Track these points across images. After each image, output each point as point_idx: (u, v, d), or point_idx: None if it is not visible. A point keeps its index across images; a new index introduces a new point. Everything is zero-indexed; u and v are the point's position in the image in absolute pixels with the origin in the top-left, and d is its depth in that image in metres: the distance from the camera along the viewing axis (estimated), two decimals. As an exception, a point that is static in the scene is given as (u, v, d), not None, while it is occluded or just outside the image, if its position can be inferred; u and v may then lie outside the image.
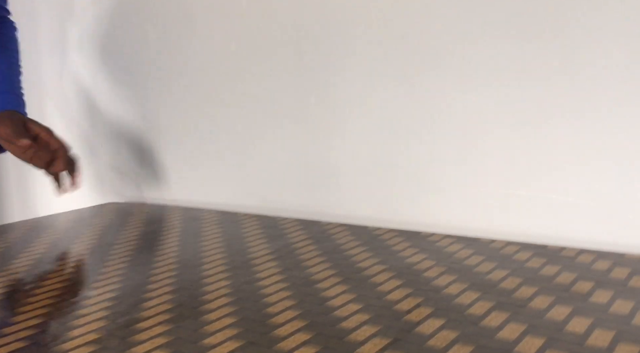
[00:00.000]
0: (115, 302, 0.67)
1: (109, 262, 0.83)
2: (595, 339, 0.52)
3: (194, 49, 1.17)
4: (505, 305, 0.61)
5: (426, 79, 0.89)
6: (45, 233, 1.02)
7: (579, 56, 0.77)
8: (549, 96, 0.80)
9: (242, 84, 1.11)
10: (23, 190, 1.62)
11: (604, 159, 0.77)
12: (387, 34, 0.92)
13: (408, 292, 0.65)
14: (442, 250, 0.80)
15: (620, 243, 0.77)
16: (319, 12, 0.98)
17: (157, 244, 0.91)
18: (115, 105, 1.35)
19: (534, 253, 0.76)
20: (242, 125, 1.12)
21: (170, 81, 1.22)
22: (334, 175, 1.01)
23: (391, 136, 0.94)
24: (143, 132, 1.30)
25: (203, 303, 0.65)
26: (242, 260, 0.80)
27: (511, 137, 0.84)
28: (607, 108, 0.76)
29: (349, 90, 0.97)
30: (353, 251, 0.81)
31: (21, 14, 1.21)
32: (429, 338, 0.54)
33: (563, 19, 0.78)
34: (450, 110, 0.88)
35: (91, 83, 1.39)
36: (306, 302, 0.64)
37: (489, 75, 0.84)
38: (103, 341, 0.57)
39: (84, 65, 1.40)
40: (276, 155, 1.08)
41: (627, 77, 0.75)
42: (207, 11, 1.13)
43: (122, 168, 1.36)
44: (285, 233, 0.93)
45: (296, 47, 1.02)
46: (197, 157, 1.21)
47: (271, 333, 0.57)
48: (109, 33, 1.32)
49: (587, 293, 0.63)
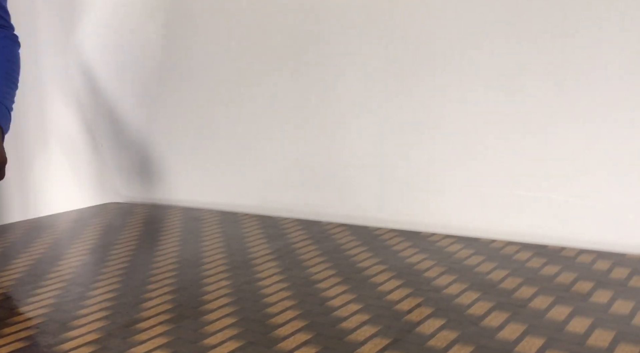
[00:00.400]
0: (115, 302, 0.67)
1: (109, 262, 0.83)
2: (595, 339, 0.52)
3: (194, 49, 1.17)
4: (505, 305, 0.61)
5: (426, 79, 0.89)
6: (45, 233, 1.02)
7: (579, 57, 0.77)
8: (549, 97, 0.80)
9: (243, 84, 1.11)
10: (23, 190, 1.62)
11: (604, 159, 0.77)
12: (388, 34, 0.92)
13: (408, 292, 0.65)
14: (442, 250, 0.80)
15: (620, 243, 0.77)
16: (319, 12, 0.98)
17: (157, 244, 0.91)
18: (116, 106, 1.35)
19: (534, 254, 0.76)
20: (243, 125, 1.12)
21: (170, 81, 1.22)
22: (334, 175, 1.01)
23: (391, 136, 0.94)
24: (143, 132, 1.30)
25: (203, 303, 0.65)
26: (242, 260, 0.80)
27: (511, 137, 0.83)
28: (607, 109, 0.76)
29: (349, 90, 0.97)
30: (353, 251, 0.81)
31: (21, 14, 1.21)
32: (429, 338, 0.54)
33: (562, 21, 0.77)
34: (451, 111, 0.88)
35: (91, 83, 1.39)
36: (306, 302, 0.64)
37: (489, 76, 0.84)
38: (103, 341, 0.57)
39: (84, 66, 1.40)
40: (276, 155, 1.08)
41: (627, 78, 0.74)
42: (207, 11, 1.13)
43: (122, 168, 1.36)
44: (285, 233, 0.93)
45: (296, 47, 1.02)
46: (197, 157, 1.21)
47: (271, 334, 0.57)
48: (109, 33, 1.32)
49: (587, 293, 0.63)
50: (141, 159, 1.32)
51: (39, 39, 1.16)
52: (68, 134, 1.33)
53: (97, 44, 1.35)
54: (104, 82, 1.36)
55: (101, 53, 1.35)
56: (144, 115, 1.29)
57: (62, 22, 1.42)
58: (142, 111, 1.29)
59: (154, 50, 1.24)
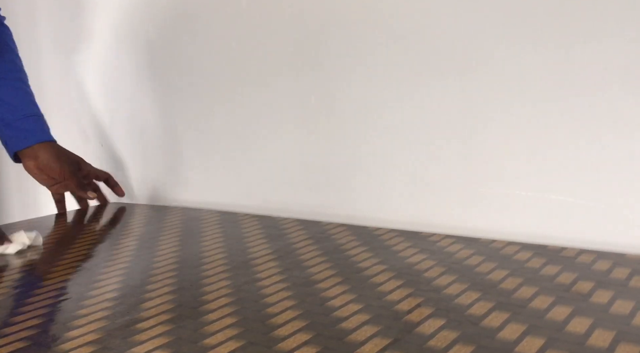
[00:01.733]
0: (115, 302, 0.67)
1: (109, 262, 0.83)
2: (595, 339, 0.52)
3: (193, 49, 1.17)
4: (505, 305, 0.61)
5: (426, 78, 0.89)
6: (45, 233, 1.02)
7: (579, 56, 0.77)
8: (548, 96, 0.80)
9: (242, 84, 1.11)
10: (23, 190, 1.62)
11: (604, 159, 0.77)
12: (388, 34, 0.92)
13: (408, 292, 0.65)
14: (442, 250, 0.80)
15: (620, 243, 0.77)
16: (319, 12, 0.98)
17: (157, 244, 0.91)
18: (114, 106, 1.35)
19: (534, 254, 0.76)
20: (242, 125, 1.12)
21: (169, 82, 1.22)
22: (334, 175, 1.01)
23: (391, 136, 0.94)
24: (142, 132, 1.30)
25: (203, 303, 0.65)
26: (242, 260, 0.80)
27: (511, 137, 0.84)
28: (607, 108, 0.76)
29: (349, 90, 0.97)
30: (353, 251, 0.81)
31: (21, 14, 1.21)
32: (430, 338, 0.54)
33: (562, 20, 0.77)
34: (451, 110, 0.88)
35: (91, 83, 1.39)
36: (306, 302, 0.64)
37: (489, 77, 0.84)
38: (103, 341, 0.57)
39: (83, 66, 1.40)
40: (276, 155, 1.08)
41: (627, 77, 0.75)
42: (207, 11, 1.13)
43: (121, 168, 1.36)
44: (285, 233, 0.93)
45: (296, 47, 1.02)
46: (196, 157, 1.21)
47: (271, 334, 0.57)
48: (109, 32, 1.32)
49: (588, 293, 0.63)
50: (140, 159, 1.32)
51: (39, 39, 1.16)
52: (68, 134, 1.32)
53: (97, 44, 1.35)
54: (103, 82, 1.36)
55: (100, 53, 1.35)
56: (143, 116, 1.29)
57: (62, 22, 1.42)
58: (141, 111, 1.29)
59: (153, 51, 1.24)
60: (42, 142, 1.11)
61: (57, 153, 1.13)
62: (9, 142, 1.11)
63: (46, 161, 1.11)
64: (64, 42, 1.43)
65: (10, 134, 1.10)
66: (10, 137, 1.11)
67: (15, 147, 1.11)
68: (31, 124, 1.11)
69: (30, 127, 1.11)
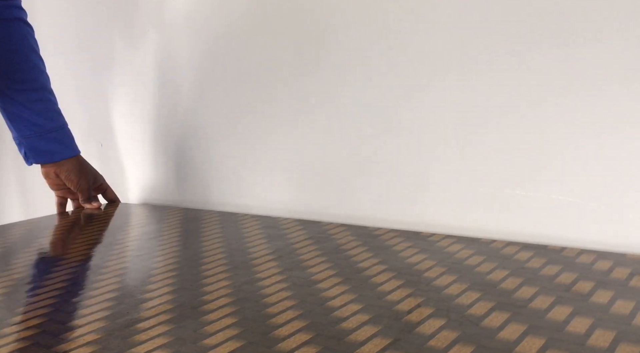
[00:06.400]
0: (115, 302, 0.67)
1: (109, 262, 0.83)
2: (596, 339, 0.52)
3: (194, 49, 1.17)
4: (505, 305, 0.61)
5: (426, 78, 0.89)
6: (45, 234, 1.02)
7: (579, 56, 0.77)
8: (548, 96, 0.80)
9: (242, 84, 1.11)
10: (23, 190, 1.62)
11: (604, 159, 0.77)
12: (387, 33, 0.92)
13: (408, 293, 0.65)
14: (442, 250, 0.80)
15: (620, 243, 0.77)
16: (319, 12, 0.98)
17: (157, 244, 0.91)
18: (114, 107, 1.35)
19: (535, 254, 0.76)
20: (242, 125, 1.12)
21: (167, 82, 1.22)
22: (334, 175, 1.01)
23: (391, 136, 0.94)
24: (142, 132, 1.30)
25: (203, 303, 0.65)
26: (242, 260, 0.80)
27: (511, 137, 0.83)
28: (607, 108, 0.76)
29: (349, 90, 0.97)
30: (353, 251, 0.81)
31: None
32: (430, 338, 0.54)
33: (562, 19, 0.77)
34: (451, 110, 0.88)
35: (90, 83, 1.39)
36: (306, 302, 0.64)
37: (490, 77, 0.84)
38: (103, 341, 0.57)
39: (83, 66, 1.40)
40: (276, 155, 1.08)
41: (627, 77, 0.74)
42: (207, 11, 1.13)
43: (121, 168, 1.36)
44: (285, 233, 0.93)
45: (295, 47, 1.02)
46: (196, 157, 1.21)
47: (271, 334, 0.57)
48: (109, 32, 1.32)
49: (588, 293, 0.63)
50: (140, 159, 1.32)
51: (39, 39, 1.17)
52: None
53: (97, 44, 1.36)
54: (103, 82, 1.36)
55: (100, 53, 1.35)
56: (142, 116, 1.29)
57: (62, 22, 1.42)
58: (140, 111, 1.29)
59: (153, 51, 1.24)
60: (67, 158, 1.13)
61: (80, 167, 1.15)
62: (31, 156, 1.12)
63: (67, 174, 1.13)
64: (63, 41, 1.43)
65: (35, 150, 1.11)
66: (36, 153, 1.11)
67: (40, 161, 1.12)
68: (56, 143, 1.11)
69: (54, 147, 1.11)
